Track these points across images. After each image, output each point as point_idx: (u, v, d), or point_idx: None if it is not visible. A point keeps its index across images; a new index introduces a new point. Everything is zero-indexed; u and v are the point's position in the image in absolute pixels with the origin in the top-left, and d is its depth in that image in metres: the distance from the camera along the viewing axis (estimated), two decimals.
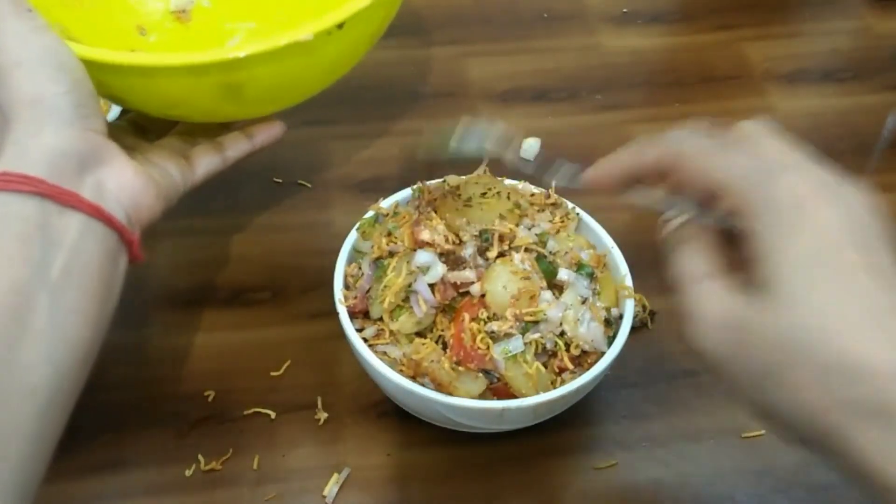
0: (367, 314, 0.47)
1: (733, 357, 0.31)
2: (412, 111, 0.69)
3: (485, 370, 0.44)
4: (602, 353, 0.45)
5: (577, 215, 0.52)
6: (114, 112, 0.56)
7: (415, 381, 0.43)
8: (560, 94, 0.72)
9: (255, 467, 0.48)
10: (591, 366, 0.44)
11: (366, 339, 0.46)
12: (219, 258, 0.58)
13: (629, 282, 0.48)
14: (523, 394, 0.43)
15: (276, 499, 0.46)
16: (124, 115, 0.51)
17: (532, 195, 0.53)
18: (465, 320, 0.44)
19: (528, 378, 0.43)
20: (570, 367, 0.44)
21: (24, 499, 0.32)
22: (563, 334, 0.45)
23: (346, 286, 0.48)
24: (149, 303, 0.55)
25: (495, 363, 0.43)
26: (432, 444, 0.49)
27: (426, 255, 0.45)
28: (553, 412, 0.46)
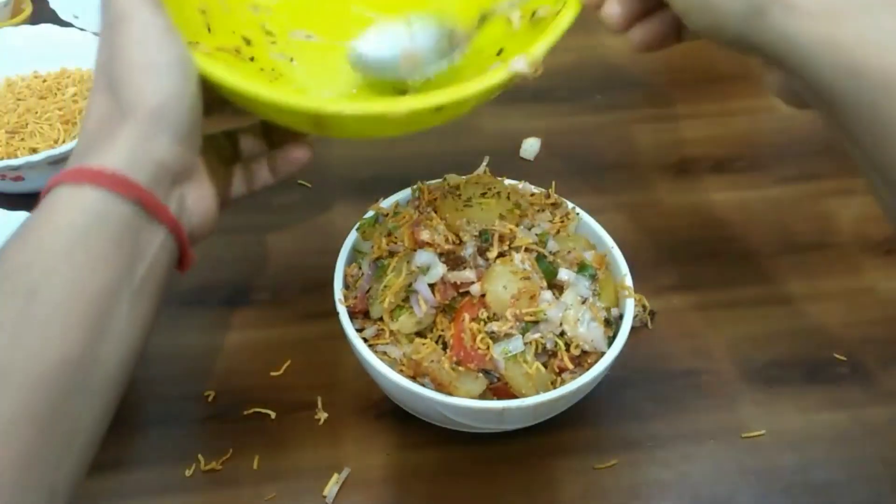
0: (367, 314, 0.47)
1: None
2: None
3: (485, 370, 0.44)
4: (602, 353, 0.45)
5: (578, 215, 0.52)
6: None
7: (415, 381, 0.43)
8: (560, 94, 0.72)
9: (255, 467, 0.48)
10: (591, 366, 0.44)
11: (366, 339, 0.46)
12: (219, 258, 0.58)
13: (629, 282, 0.48)
14: (523, 394, 0.43)
15: (276, 499, 0.46)
16: None
17: (532, 195, 0.53)
18: (466, 320, 0.44)
19: (528, 378, 0.43)
20: (570, 367, 0.44)
21: (77, 486, 0.34)
22: (563, 334, 0.45)
23: (346, 286, 0.48)
24: None
25: (495, 363, 0.43)
26: (432, 444, 0.49)
27: (426, 255, 0.46)
28: (553, 412, 0.46)
